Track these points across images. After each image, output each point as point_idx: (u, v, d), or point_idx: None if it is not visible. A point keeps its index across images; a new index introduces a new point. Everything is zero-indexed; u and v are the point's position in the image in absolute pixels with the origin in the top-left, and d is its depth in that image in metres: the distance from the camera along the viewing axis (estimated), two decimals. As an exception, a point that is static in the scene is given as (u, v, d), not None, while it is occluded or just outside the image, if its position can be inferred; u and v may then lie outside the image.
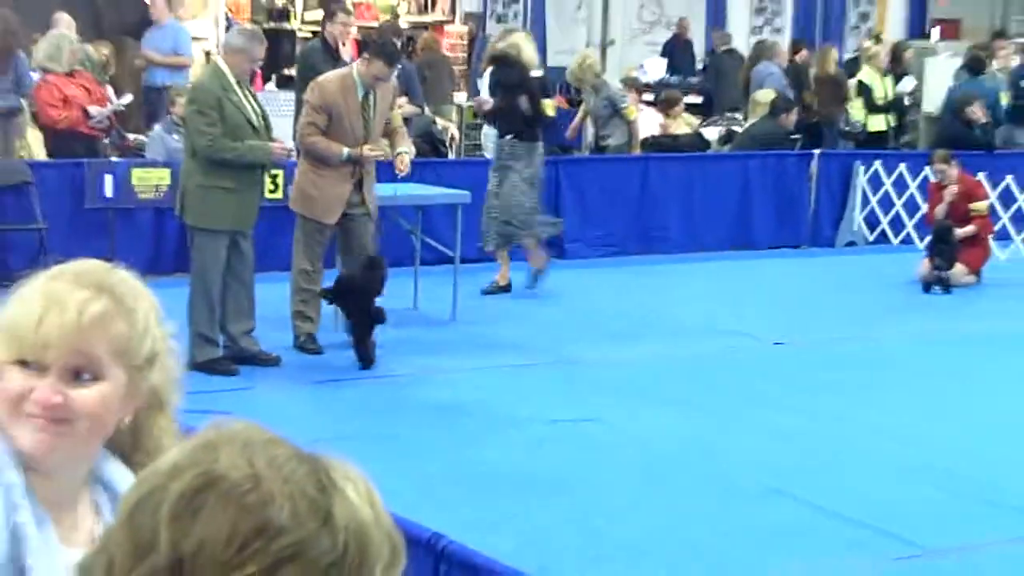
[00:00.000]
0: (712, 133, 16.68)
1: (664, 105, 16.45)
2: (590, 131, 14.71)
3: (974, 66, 16.72)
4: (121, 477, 2.12)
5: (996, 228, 13.65)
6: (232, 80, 8.82)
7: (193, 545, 1.25)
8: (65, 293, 2.00)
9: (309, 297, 9.39)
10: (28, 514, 2.00)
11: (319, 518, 1.27)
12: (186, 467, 1.30)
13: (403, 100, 13.93)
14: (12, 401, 2.00)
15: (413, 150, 10.22)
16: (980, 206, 12.98)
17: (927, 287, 12.47)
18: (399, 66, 9.54)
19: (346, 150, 9.29)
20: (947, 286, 12.43)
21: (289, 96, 13.56)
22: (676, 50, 21.17)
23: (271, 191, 10.08)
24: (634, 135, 14.18)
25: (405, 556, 1.35)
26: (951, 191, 12.87)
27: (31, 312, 1.98)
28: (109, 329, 2.01)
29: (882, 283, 12.85)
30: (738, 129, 16.28)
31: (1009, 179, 14.19)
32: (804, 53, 18.03)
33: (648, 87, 18.15)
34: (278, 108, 12.15)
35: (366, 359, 9.08)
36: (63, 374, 2.00)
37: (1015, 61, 18.89)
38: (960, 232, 12.64)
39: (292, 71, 14.86)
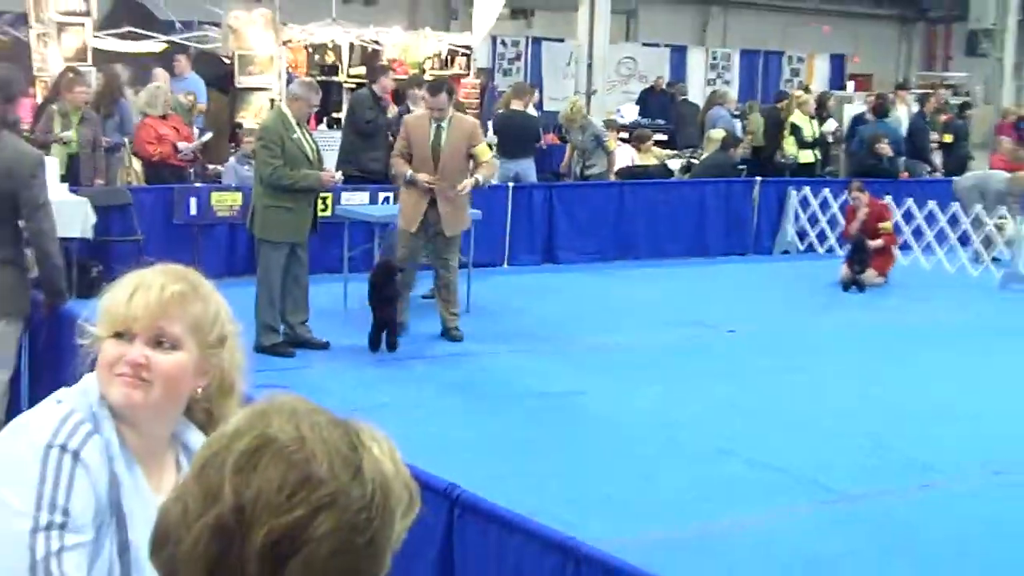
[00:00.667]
0: (675, 164, 16.64)
1: (637, 141, 16.39)
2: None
3: (878, 110, 16.68)
4: (200, 442, 2.12)
5: (900, 241, 13.67)
6: (293, 121, 8.78)
7: (252, 493, 1.25)
8: (151, 278, 2.05)
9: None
10: (123, 465, 2.04)
11: (351, 472, 1.28)
12: (245, 431, 1.30)
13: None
14: (108, 364, 2.04)
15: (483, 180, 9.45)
16: (886, 225, 13.02)
17: (846, 287, 12.47)
18: (446, 94, 9.26)
19: (409, 172, 9.17)
20: (861, 286, 12.42)
21: (337, 135, 13.54)
22: (651, 98, 21.15)
23: (322, 210, 10.01)
24: (611, 163, 14.32)
25: (421, 502, 1.36)
26: (863, 212, 12.90)
27: (123, 293, 2.04)
28: (186, 307, 2.04)
29: (810, 284, 12.83)
30: (696, 161, 16.25)
31: (910, 201, 14.22)
32: (785, 103, 18.01)
33: (624, 127, 18.12)
34: (327, 145, 12.09)
35: (375, 343, 8.92)
36: (148, 341, 2.03)
37: (915, 107, 18.90)
38: (872, 244, 12.66)
39: (340, 115, 14.81)
